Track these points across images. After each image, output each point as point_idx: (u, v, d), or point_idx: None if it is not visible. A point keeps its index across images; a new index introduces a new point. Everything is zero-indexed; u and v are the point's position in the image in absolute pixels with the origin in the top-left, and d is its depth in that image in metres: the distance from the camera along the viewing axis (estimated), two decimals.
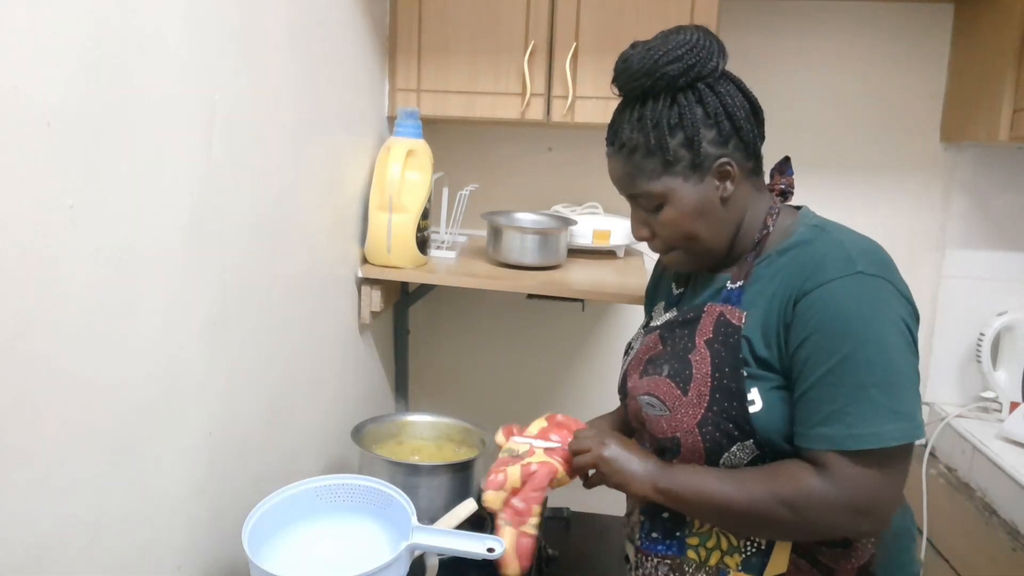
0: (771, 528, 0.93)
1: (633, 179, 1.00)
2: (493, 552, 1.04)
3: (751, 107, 0.99)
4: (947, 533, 1.77)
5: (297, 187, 1.32)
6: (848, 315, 0.88)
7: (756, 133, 1.00)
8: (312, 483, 1.16)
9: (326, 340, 1.52)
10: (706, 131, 0.96)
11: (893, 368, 0.87)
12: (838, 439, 0.87)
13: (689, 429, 0.97)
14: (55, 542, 0.78)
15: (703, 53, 0.95)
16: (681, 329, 1.03)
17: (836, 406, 0.87)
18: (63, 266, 0.75)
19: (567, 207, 1.99)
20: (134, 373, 0.89)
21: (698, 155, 0.96)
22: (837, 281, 0.89)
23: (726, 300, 0.99)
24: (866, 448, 0.86)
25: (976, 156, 1.94)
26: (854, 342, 0.87)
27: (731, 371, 0.94)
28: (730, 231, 1.01)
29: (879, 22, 1.92)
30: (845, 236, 0.96)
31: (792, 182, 1.07)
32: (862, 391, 0.86)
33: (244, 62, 1.09)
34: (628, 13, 1.66)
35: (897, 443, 0.86)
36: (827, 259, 0.92)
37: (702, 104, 0.96)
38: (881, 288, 0.90)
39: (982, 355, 1.89)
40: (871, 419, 0.86)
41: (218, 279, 1.06)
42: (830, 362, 0.88)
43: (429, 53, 1.73)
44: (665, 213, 1.00)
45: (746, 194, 1.01)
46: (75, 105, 0.75)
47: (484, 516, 1.48)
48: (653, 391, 1.01)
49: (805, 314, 0.90)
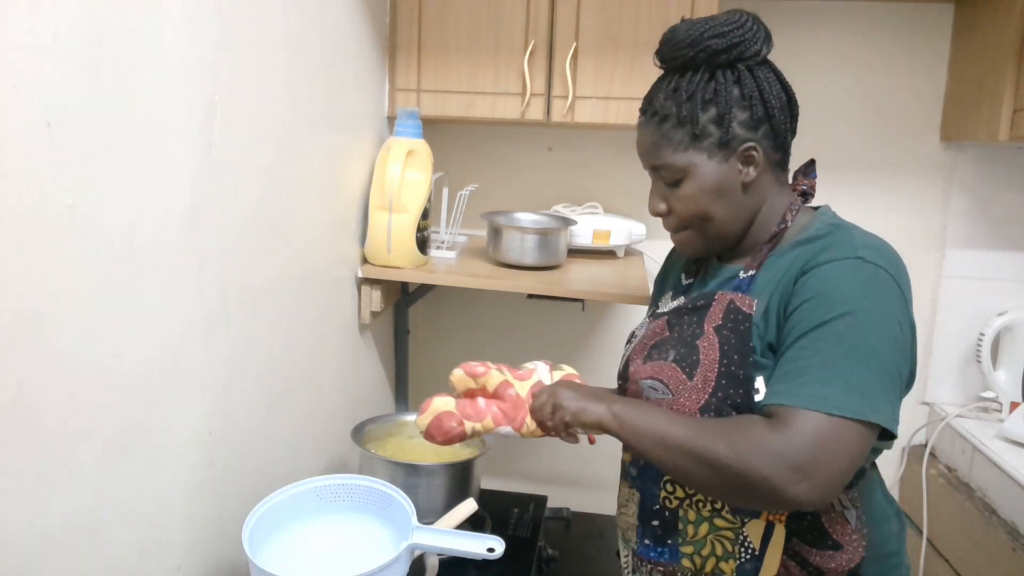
0: (705, 465, 0.87)
1: (659, 148, 1.00)
2: (493, 552, 1.04)
3: (788, 99, 1.00)
4: (947, 533, 1.77)
5: (297, 187, 1.32)
6: (837, 290, 0.88)
7: (788, 126, 1.00)
8: (312, 483, 1.16)
9: (326, 340, 1.52)
10: (739, 111, 0.97)
11: (866, 348, 0.86)
12: (785, 394, 0.86)
13: (691, 413, 0.96)
14: (55, 541, 0.78)
15: (749, 35, 0.96)
16: (690, 316, 1.02)
17: (796, 365, 0.87)
18: (63, 266, 0.75)
19: (567, 207, 1.99)
20: (134, 373, 0.89)
21: (727, 133, 0.97)
22: (837, 261, 0.90)
23: (736, 288, 0.99)
24: (807, 408, 0.83)
25: (976, 156, 1.94)
26: (834, 313, 0.87)
27: (740, 358, 0.94)
28: (745, 218, 1.01)
29: (879, 22, 1.92)
30: (858, 233, 0.97)
31: (814, 185, 1.08)
32: (825, 356, 0.86)
33: (244, 61, 1.09)
34: (628, 13, 1.66)
35: (842, 414, 0.83)
36: (833, 245, 0.93)
37: (740, 84, 0.96)
38: (879, 276, 0.89)
39: (982, 355, 1.89)
40: (824, 382, 0.84)
41: (218, 279, 1.06)
42: (806, 328, 0.88)
43: (429, 53, 1.73)
44: (684, 187, 1.00)
45: (768, 184, 1.01)
46: (75, 105, 0.75)
47: (484, 516, 1.48)
48: (657, 375, 1.01)
49: (800, 288, 0.91)
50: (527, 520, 1.53)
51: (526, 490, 1.68)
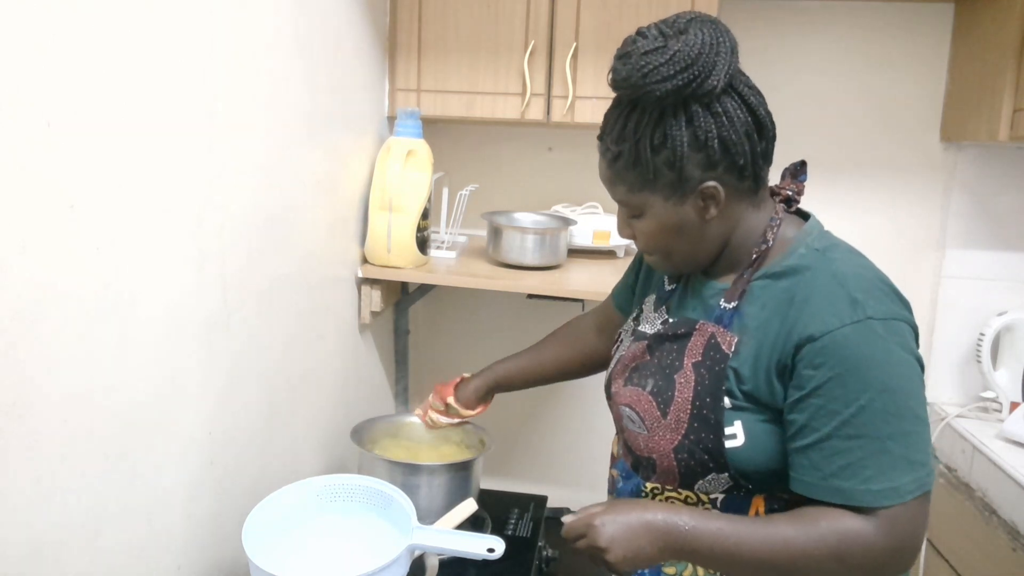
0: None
1: (614, 185, 0.96)
2: (493, 552, 1.04)
3: (756, 124, 0.90)
4: (947, 533, 1.76)
5: (297, 187, 1.32)
6: (865, 364, 0.84)
7: (759, 153, 0.91)
8: (312, 483, 1.16)
9: (326, 340, 1.52)
10: (692, 154, 0.88)
11: (910, 415, 0.84)
12: (855, 494, 0.84)
13: (665, 452, 0.95)
14: (55, 541, 0.78)
15: (703, 70, 0.85)
16: (671, 344, 0.98)
17: (852, 459, 0.84)
18: (63, 266, 0.75)
19: (567, 207, 1.99)
20: (134, 373, 0.89)
21: (680, 176, 0.89)
22: (849, 327, 0.84)
23: (719, 320, 0.94)
24: (886, 504, 0.83)
25: (976, 156, 1.94)
26: (872, 392, 0.83)
27: (712, 401, 0.91)
28: (714, 247, 0.96)
29: (879, 22, 1.92)
30: (847, 266, 0.90)
31: (802, 188, 1.00)
32: (879, 443, 0.83)
33: (244, 62, 1.09)
34: (628, 13, 1.66)
35: (912, 496, 0.83)
36: (831, 300, 0.87)
37: (692, 126, 0.87)
38: (892, 330, 0.85)
39: (982, 355, 1.88)
40: (888, 473, 0.83)
41: (218, 279, 1.06)
42: (845, 413, 0.84)
43: (429, 53, 1.73)
44: (644, 223, 0.96)
45: (739, 211, 0.94)
46: (75, 105, 0.75)
47: (484, 516, 1.48)
48: (634, 405, 0.99)
49: (815, 361, 0.85)
50: (527, 520, 1.53)
51: (526, 490, 1.68)
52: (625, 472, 1.06)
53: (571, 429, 2.21)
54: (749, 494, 0.94)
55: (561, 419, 2.21)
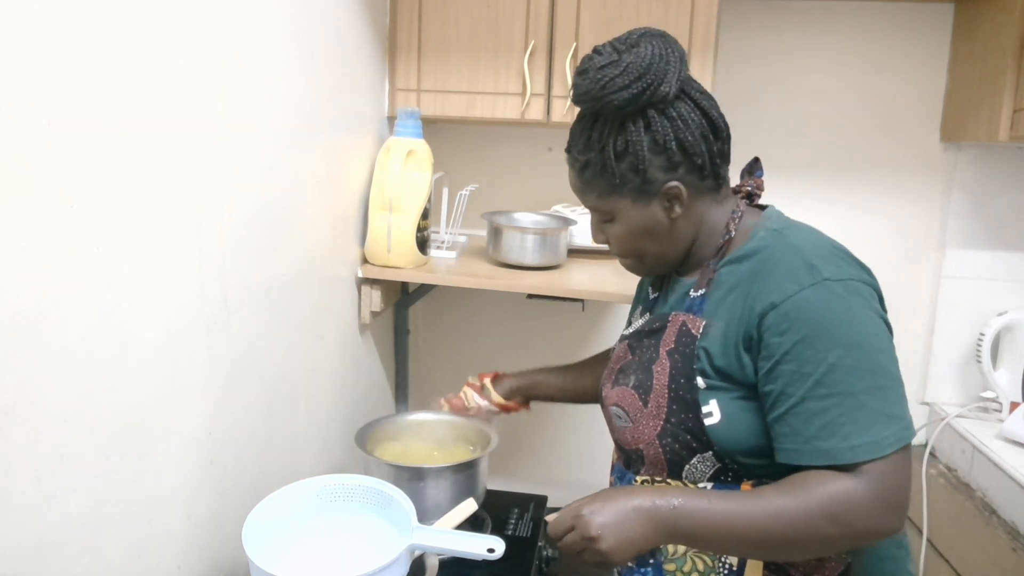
0: (816, 546, 0.87)
1: (584, 193, 1.02)
2: (493, 552, 1.04)
3: (711, 126, 0.96)
4: (947, 533, 1.76)
5: (297, 187, 1.32)
6: (829, 323, 0.86)
7: (717, 152, 0.97)
8: (312, 483, 1.16)
9: (326, 340, 1.52)
10: (654, 157, 0.95)
11: (880, 370, 0.86)
12: (837, 452, 0.85)
13: (650, 441, 0.97)
14: (55, 541, 0.78)
15: (656, 78, 0.92)
16: (648, 339, 1.03)
17: (829, 418, 0.85)
18: (63, 266, 0.75)
19: (567, 207, 1.99)
20: (134, 373, 0.89)
21: (644, 180, 0.96)
22: (808, 290, 0.87)
23: (689, 309, 0.98)
24: (868, 458, 0.84)
25: (976, 156, 1.94)
26: (840, 349, 0.85)
27: (686, 382, 0.94)
28: (683, 245, 1.01)
29: (879, 22, 1.92)
30: (803, 239, 0.94)
31: (761, 184, 1.05)
32: (853, 399, 0.85)
33: (244, 62, 1.09)
34: (628, 13, 1.66)
35: (892, 449, 0.84)
36: (788, 269, 0.90)
37: (650, 131, 0.94)
38: (852, 290, 0.88)
39: (982, 355, 1.88)
40: (867, 428, 0.84)
41: (218, 279, 1.06)
42: (817, 373, 0.85)
43: (429, 53, 1.73)
44: (615, 228, 1.02)
45: (703, 208, 1.00)
46: (75, 105, 0.75)
47: (484, 516, 1.48)
48: (620, 402, 1.02)
49: (780, 327, 0.88)
50: (527, 520, 1.53)
51: (526, 490, 1.68)
52: (620, 473, 1.08)
53: (572, 430, 2.21)
54: (738, 478, 0.95)
55: (562, 419, 2.21)
